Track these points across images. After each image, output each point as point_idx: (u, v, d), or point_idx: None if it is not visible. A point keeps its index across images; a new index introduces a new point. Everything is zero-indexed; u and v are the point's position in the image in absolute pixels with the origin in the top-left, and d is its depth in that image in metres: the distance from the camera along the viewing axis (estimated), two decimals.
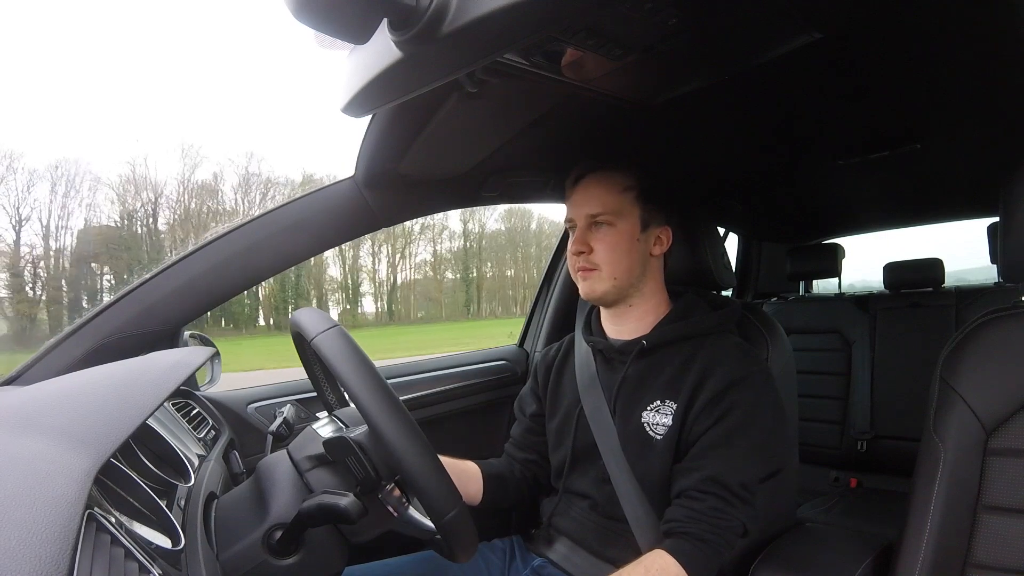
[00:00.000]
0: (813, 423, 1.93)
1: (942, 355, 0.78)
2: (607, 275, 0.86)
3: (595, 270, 0.87)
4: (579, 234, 0.87)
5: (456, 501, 0.61)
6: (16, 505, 0.29)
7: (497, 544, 0.99)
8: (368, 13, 0.45)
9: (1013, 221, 0.74)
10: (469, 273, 36.11)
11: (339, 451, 0.64)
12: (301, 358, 0.81)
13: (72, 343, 0.84)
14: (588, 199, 0.87)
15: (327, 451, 0.65)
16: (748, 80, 0.78)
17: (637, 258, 0.87)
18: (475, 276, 36.19)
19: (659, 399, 0.85)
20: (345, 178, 0.99)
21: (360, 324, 31.57)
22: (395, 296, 34.15)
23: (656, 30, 0.59)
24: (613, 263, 0.86)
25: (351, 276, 33.30)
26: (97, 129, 45.12)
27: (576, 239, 0.88)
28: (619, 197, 0.86)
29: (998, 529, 0.70)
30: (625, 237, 0.86)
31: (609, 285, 0.87)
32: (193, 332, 1.02)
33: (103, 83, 46.90)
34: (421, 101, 0.66)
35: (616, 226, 0.86)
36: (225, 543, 0.62)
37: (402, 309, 34.55)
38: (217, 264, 0.92)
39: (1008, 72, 0.81)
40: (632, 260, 0.87)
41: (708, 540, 0.74)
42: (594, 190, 0.87)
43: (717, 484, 0.76)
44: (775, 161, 1.30)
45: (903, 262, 1.93)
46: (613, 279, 0.86)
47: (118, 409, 0.47)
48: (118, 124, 45.44)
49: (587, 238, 0.87)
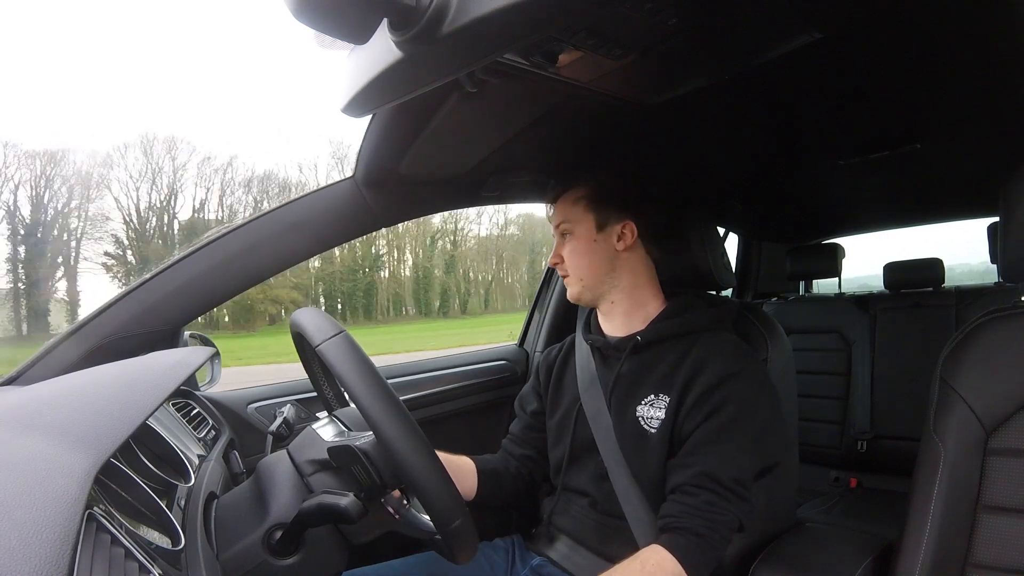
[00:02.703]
0: (813, 423, 1.93)
1: (942, 355, 0.78)
2: (575, 278, 0.95)
3: (568, 276, 0.96)
4: (554, 248, 0.98)
5: (461, 509, 0.61)
6: (16, 505, 0.29)
7: (498, 543, 0.99)
8: (368, 13, 0.45)
9: (1013, 221, 0.74)
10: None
11: (344, 459, 0.64)
12: (301, 357, 0.81)
13: (72, 343, 0.84)
14: (555, 216, 0.98)
15: (331, 458, 0.65)
16: (748, 80, 0.78)
17: (600, 257, 0.93)
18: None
19: (653, 393, 0.86)
20: (345, 178, 0.99)
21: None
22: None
23: (656, 30, 0.59)
24: (577, 266, 0.94)
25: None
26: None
27: (553, 252, 0.98)
28: (572, 208, 0.95)
29: (998, 529, 0.70)
30: (583, 243, 0.94)
31: (580, 286, 0.94)
32: (193, 332, 1.02)
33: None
34: (421, 101, 0.66)
35: (575, 233, 0.94)
36: (225, 543, 0.62)
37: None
38: (217, 264, 0.92)
39: (1008, 72, 0.81)
40: (594, 260, 0.93)
41: (703, 535, 0.75)
42: (558, 207, 0.97)
43: (710, 479, 0.77)
44: (775, 161, 1.30)
45: (903, 262, 1.93)
46: (580, 280, 0.94)
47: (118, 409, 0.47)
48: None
49: (559, 249, 0.97)
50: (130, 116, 40.06)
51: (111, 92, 42.30)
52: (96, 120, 40.07)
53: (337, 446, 0.64)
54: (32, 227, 24.35)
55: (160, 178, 27.09)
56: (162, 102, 42.69)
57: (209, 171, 28.00)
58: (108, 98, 41.80)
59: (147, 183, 26.89)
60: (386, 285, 31.68)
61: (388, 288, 31.64)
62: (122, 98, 41.71)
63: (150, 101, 42.36)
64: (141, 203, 26.72)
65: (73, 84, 41.76)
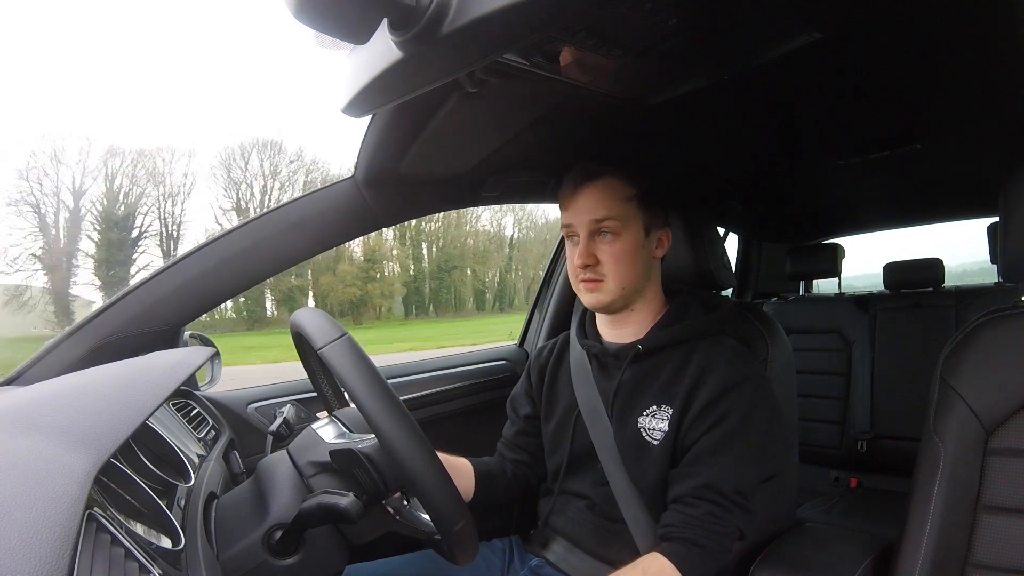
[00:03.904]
0: (813, 423, 1.93)
1: (942, 355, 0.78)
2: (615, 286, 0.85)
3: (602, 281, 0.85)
4: (584, 246, 0.85)
5: (463, 513, 0.61)
6: (16, 505, 0.29)
7: (496, 544, 0.99)
8: (368, 13, 0.45)
9: (1013, 221, 0.74)
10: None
11: (346, 461, 0.64)
12: (301, 357, 0.81)
13: (72, 343, 0.84)
14: (591, 206, 0.84)
15: (333, 461, 0.65)
16: (748, 80, 0.78)
17: (642, 265, 0.87)
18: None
19: (655, 404, 0.84)
20: (345, 178, 0.99)
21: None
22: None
23: (656, 30, 0.59)
24: (621, 274, 0.84)
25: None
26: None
27: (581, 252, 0.85)
28: (623, 205, 0.84)
29: (998, 529, 0.70)
30: (631, 246, 0.85)
31: (617, 295, 0.85)
32: (193, 332, 1.02)
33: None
34: (421, 101, 0.66)
35: (622, 235, 0.84)
36: (225, 543, 0.62)
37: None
38: (217, 264, 0.92)
39: (1008, 72, 0.81)
40: (638, 268, 0.86)
41: (704, 545, 0.74)
42: (597, 196, 0.85)
43: (712, 491, 0.76)
44: (775, 161, 1.30)
45: (903, 262, 1.93)
46: (621, 289, 0.85)
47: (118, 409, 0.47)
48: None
49: (592, 249, 0.85)
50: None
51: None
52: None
53: (339, 449, 0.64)
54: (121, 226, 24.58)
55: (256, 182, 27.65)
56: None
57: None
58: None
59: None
60: (468, 283, 35.05)
61: (471, 285, 35.04)
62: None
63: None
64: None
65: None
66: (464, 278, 34.46)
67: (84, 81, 38.57)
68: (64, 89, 37.26)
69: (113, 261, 24.54)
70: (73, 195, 23.48)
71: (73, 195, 23.48)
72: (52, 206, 23.08)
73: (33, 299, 22.02)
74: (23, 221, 22.37)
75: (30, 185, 22.66)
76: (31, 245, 22.58)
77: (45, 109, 34.00)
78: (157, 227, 25.59)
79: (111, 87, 39.35)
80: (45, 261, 23.10)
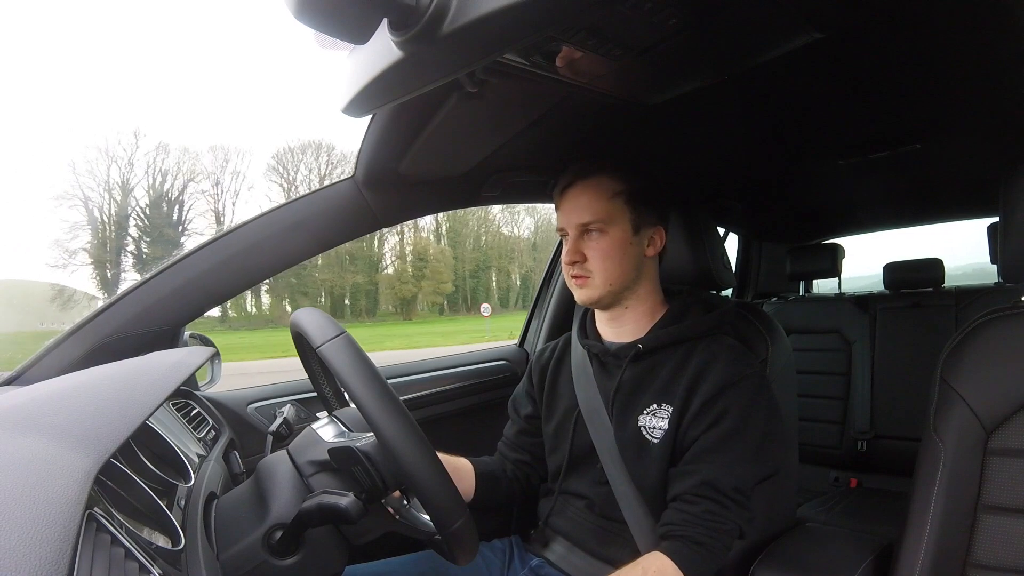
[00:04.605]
0: (813, 423, 1.93)
1: (942, 355, 0.78)
2: (601, 282, 0.86)
3: (589, 278, 0.86)
4: (571, 244, 0.86)
5: (462, 511, 0.61)
6: (16, 505, 0.29)
7: (496, 544, 0.99)
8: (368, 13, 0.45)
9: (1013, 221, 0.74)
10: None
11: (345, 460, 0.64)
12: (300, 357, 0.81)
13: (72, 343, 0.84)
14: (577, 208, 0.86)
15: (332, 459, 0.65)
16: (748, 80, 0.78)
17: (631, 262, 0.87)
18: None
19: (655, 403, 0.85)
20: (345, 178, 0.98)
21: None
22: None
23: (656, 30, 0.59)
24: (607, 270, 0.85)
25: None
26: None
27: (569, 249, 0.87)
28: (608, 203, 0.85)
29: (998, 529, 0.70)
30: (617, 243, 0.85)
31: (604, 291, 0.86)
32: (193, 332, 1.02)
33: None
34: (421, 101, 0.66)
35: (608, 233, 0.85)
36: (225, 543, 0.61)
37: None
38: (217, 264, 0.92)
39: (1008, 72, 0.81)
40: (625, 264, 0.86)
41: (704, 543, 0.75)
42: (583, 198, 0.85)
43: (711, 489, 0.77)
44: (775, 161, 1.30)
45: (903, 262, 1.93)
46: (608, 285, 0.86)
47: (118, 409, 0.47)
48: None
49: (579, 247, 0.86)
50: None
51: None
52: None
53: (338, 447, 0.64)
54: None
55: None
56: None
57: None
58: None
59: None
60: (496, 283, 40.19)
61: (500, 284, 40.15)
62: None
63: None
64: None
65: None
66: (491, 278, 38.10)
67: (151, 81, 38.58)
68: (119, 85, 37.31)
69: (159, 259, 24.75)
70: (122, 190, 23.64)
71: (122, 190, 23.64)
72: (100, 200, 23.17)
73: (76, 297, 22.28)
74: (75, 214, 22.44)
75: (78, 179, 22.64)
76: (79, 239, 22.70)
77: (99, 105, 33.94)
78: (205, 225, 25.84)
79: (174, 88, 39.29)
80: (94, 256, 23.23)
